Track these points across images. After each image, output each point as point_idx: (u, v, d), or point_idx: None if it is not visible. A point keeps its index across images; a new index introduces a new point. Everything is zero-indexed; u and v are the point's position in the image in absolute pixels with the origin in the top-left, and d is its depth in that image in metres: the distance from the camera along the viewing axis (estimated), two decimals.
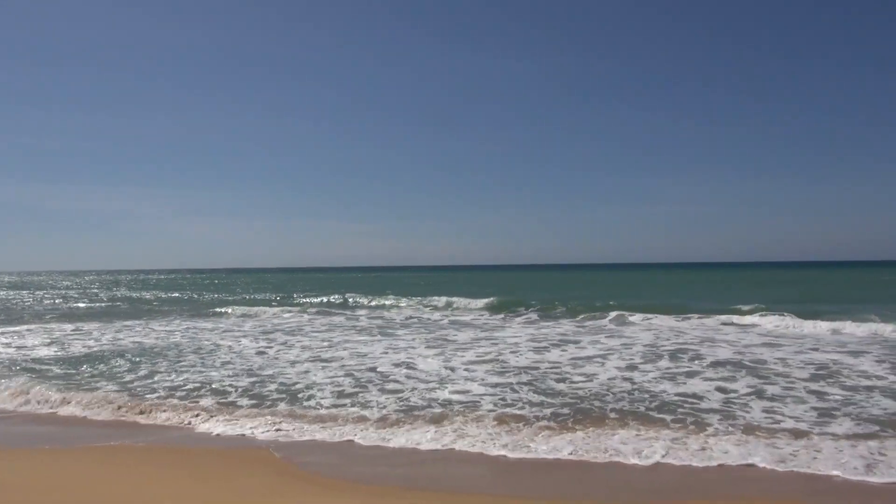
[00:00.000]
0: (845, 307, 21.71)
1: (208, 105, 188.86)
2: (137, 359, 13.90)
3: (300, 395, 9.80)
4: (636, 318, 21.45)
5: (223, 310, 29.09)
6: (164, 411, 8.86)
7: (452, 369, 12.02)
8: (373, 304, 31.61)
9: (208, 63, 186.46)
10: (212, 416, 8.49)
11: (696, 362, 12.43)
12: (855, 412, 8.19)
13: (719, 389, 9.75)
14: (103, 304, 35.65)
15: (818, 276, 62.34)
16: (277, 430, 7.76)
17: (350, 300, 33.65)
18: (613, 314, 22.15)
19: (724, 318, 20.35)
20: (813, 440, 6.94)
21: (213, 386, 10.65)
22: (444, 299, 30.02)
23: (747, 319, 20.01)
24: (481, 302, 27.66)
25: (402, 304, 30.35)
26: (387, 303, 31.37)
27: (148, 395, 10.01)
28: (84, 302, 38.02)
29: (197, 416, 8.54)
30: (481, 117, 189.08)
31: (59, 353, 15.02)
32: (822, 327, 17.38)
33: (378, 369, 12.09)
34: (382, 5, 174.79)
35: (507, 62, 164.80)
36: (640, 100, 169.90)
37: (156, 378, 11.53)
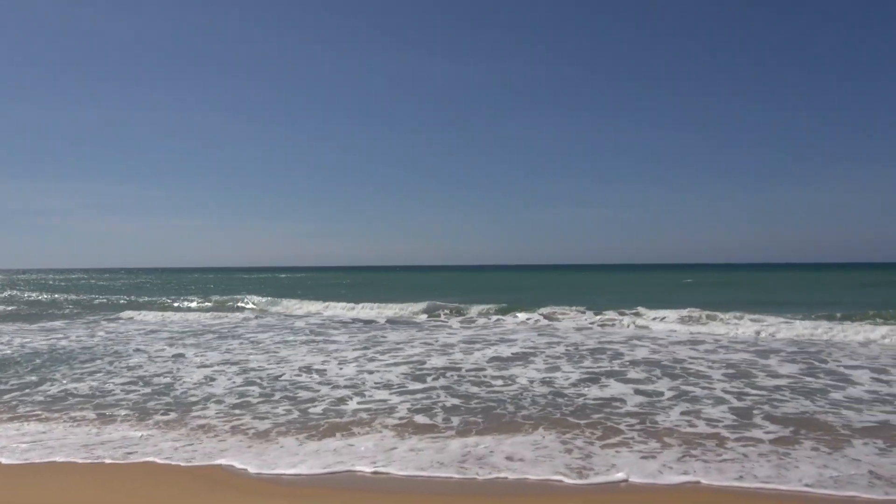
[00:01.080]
0: (767, 308, 22.31)
1: (127, 97, 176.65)
2: (29, 366, 12.74)
3: (195, 406, 9.02)
4: (568, 316, 21.85)
5: (143, 312, 27.49)
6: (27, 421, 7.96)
7: (370, 372, 11.49)
8: (312, 306, 30.45)
9: (127, 52, 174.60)
10: (80, 425, 7.64)
11: (616, 361, 12.45)
12: (768, 412, 8.18)
13: (637, 392, 9.59)
14: (9, 307, 33.16)
15: (755, 278, 64.76)
16: (156, 438, 7.01)
17: (288, 301, 32.32)
18: (545, 311, 22.59)
19: (651, 318, 20.54)
20: (727, 445, 6.78)
21: (99, 398, 9.71)
22: (385, 303, 29.21)
23: (670, 319, 20.18)
24: (423, 304, 27.06)
25: (341, 305, 29.31)
26: (326, 304, 30.28)
27: (20, 409, 9.01)
28: None
29: (73, 426, 7.68)
30: (428, 117, 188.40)
31: None
32: (740, 328, 17.77)
33: (285, 376, 11.40)
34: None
35: (451, 65, 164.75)
36: (595, 105, 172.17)
37: (41, 387, 10.49)
